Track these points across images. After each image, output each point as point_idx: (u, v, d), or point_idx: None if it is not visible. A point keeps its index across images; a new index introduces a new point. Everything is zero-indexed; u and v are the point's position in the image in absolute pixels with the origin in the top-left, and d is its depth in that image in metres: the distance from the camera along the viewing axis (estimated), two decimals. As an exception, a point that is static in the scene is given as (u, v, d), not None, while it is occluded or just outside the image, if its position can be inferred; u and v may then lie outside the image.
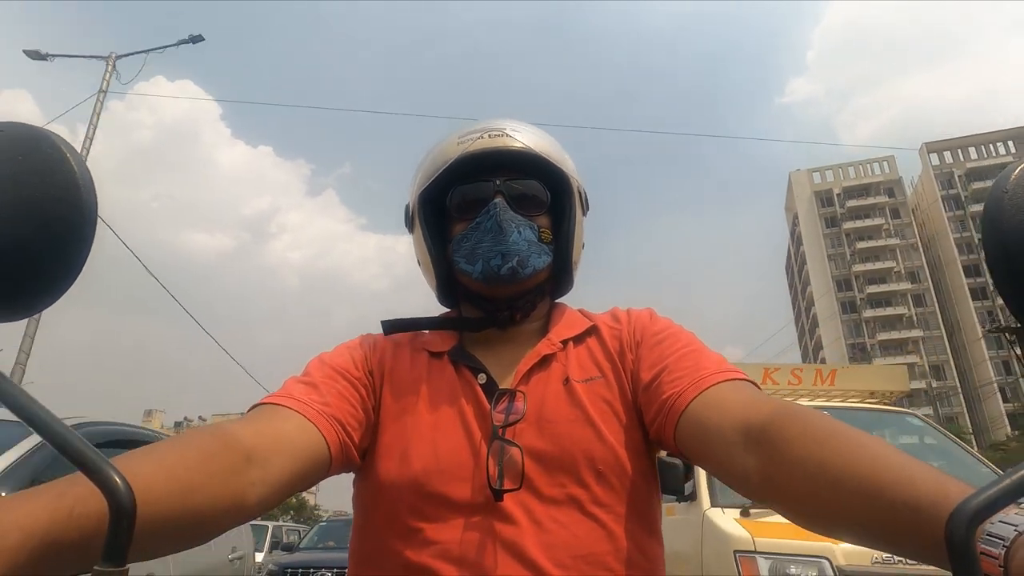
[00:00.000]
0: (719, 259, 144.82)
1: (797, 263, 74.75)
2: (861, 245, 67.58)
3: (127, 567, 0.36)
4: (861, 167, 71.57)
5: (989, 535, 0.38)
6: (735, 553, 2.77)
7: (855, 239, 68.15)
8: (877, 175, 70.33)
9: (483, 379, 0.82)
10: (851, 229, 68.41)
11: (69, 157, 0.42)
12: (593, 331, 0.87)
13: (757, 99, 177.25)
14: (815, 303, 67.61)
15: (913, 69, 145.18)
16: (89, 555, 0.44)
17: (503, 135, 0.84)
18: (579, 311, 0.93)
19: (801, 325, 74.54)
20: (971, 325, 59.53)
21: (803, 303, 73.30)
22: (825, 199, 71.08)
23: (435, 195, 0.87)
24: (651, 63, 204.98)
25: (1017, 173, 0.40)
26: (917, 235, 67.45)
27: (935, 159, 67.58)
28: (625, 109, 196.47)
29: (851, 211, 69.19)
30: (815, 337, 67.81)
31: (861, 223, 68.40)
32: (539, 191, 0.86)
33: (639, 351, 0.83)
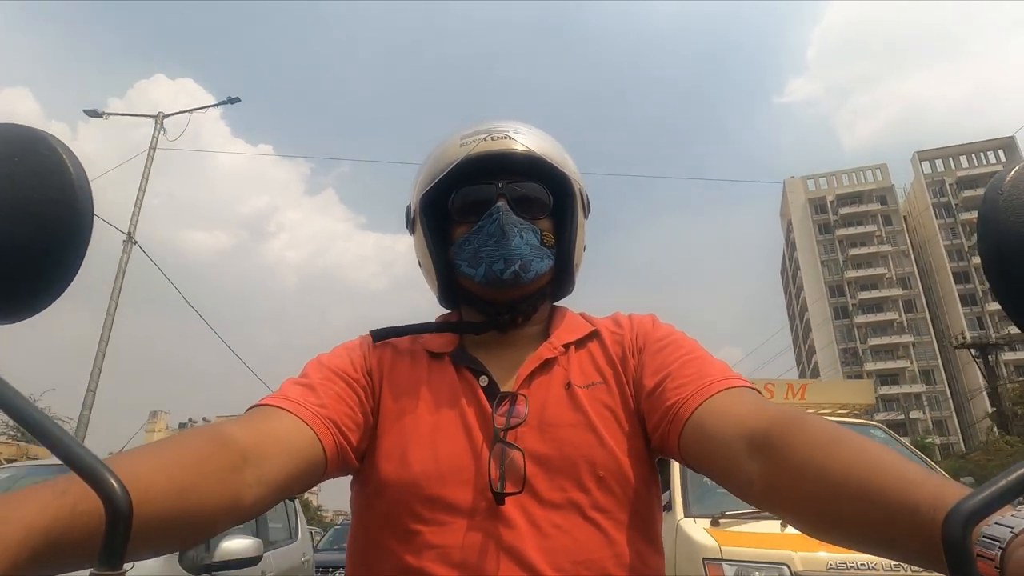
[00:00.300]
0: (718, 259, 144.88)
1: (791, 268, 75.17)
2: (854, 252, 67.94)
3: (124, 570, 0.35)
4: (854, 175, 72.02)
5: (985, 537, 0.38)
6: (704, 560, 2.93)
7: (848, 245, 68.51)
8: (870, 183, 70.77)
9: (484, 381, 0.81)
10: (844, 236, 68.75)
11: (66, 159, 0.42)
12: (595, 336, 0.87)
13: (756, 99, 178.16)
14: (808, 308, 68.00)
15: (913, 68, 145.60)
16: (91, 552, 0.44)
17: (506, 137, 0.83)
18: (580, 315, 0.92)
19: (795, 329, 74.89)
20: (960, 331, 60.09)
21: (797, 308, 73.68)
22: (819, 206, 71.43)
23: (436, 196, 0.86)
24: (650, 62, 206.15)
25: (1012, 176, 0.41)
26: (908, 242, 67.85)
27: (927, 167, 68.07)
28: (624, 109, 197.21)
29: (844, 218, 69.56)
30: (808, 341, 68.23)
31: (854, 230, 68.72)
32: (542, 194, 0.85)
33: (641, 357, 0.82)
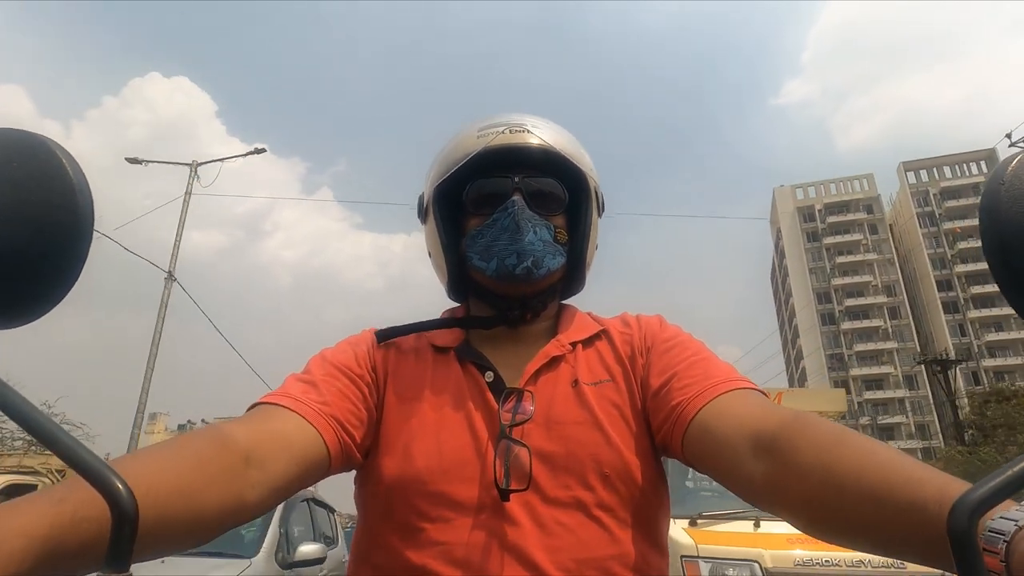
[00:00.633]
0: (716, 259, 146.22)
1: (781, 275, 77.22)
2: (841, 259, 70.11)
3: (130, 573, 0.36)
4: (842, 184, 74.14)
5: (990, 531, 0.39)
6: (681, 558, 3.16)
7: (835, 253, 70.66)
8: (857, 192, 72.96)
9: (490, 377, 0.80)
10: (831, 244, 70.90)
11: (65, 163, 0.42)
12: (603, 335, 0.87)
13: (752, 100, 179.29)
14: (797, 314, 70.10)
15: (908, 71, 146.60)
16: (91, 559, 0.44)
17: (524, 131, 0.83)
18: (588, 314, 0.92)
19: (785, 334, 77.00)
20: (943, 338, 62.45)
21: (786, 313, 75.84)
22: (807, 214, 73.54)
23: (450, 187, 0.85)
24: (648, 62, 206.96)
25: (1014, 165, 0.40)
26: (894, 250, 70.08)
27: (912, 177, 70.32)
28: (623, 109, 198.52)
29: (832, 227, 71.70)
30: (797, 346, 70.38)
31: (841, 238, 70.88)
32: (557, 190, 0.85)
33: (649, 357, 0.82)
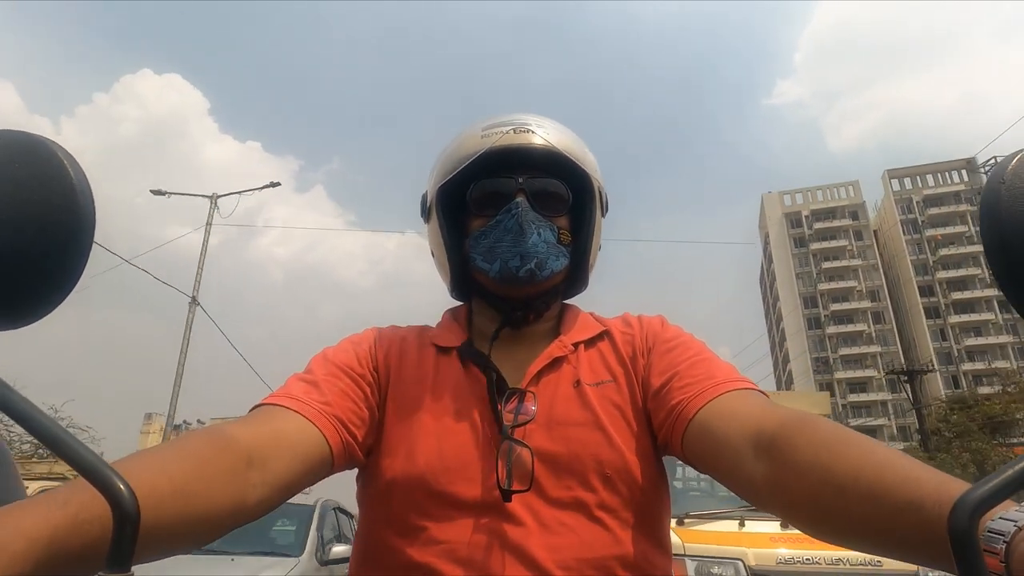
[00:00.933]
0: (708, 259, 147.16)
1: (769, 279, 78.93)
2: (827, 265, 71.73)
3: (132, 573, 0.36)
4: (829, 191, 75.87)
5: (990, 531, 0.39)
6: None
7: (821, 259, 72.26)
8: (843, 199, 74.69)
9: (493, 378, 0.80)
10: (818, 249, 72.48)
11: (66, 163, 0.42)
12: (605, 335, 0.87)
13: (745, 99, 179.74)
14: (784, 318, 71.77)
15: (899, 73, 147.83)
16: (94, 561, 0.44)
17: (528, 131, 0.82)
18: (590, 314, 0.92)
19: (773, 338, 78.65)
20: (925, 342, 64.30)
21: (774, 317, 77.53)
22: (794, 220, 75.16)
23: (453, 186, 0.85)
24: (642, 62, 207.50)
25: (1014, 164, 0.40)
26: (878, 256, 71.82)
27: (896, 184, 72.20)
28: (618, 107, 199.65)
29: (818, 232, 73.33)
30: (784, 349, 72.05)
31: (827, 244, 72.47)
32: (561, 190, 0.85)
33: (650, 357, 0.82)
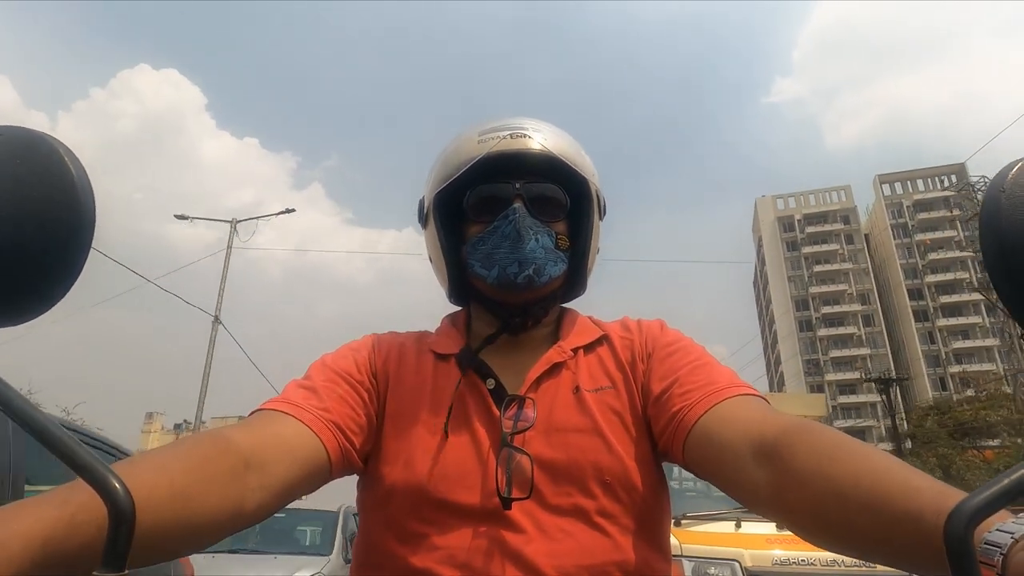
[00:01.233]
0: (703, 257, 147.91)
1: (762, 282, 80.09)
2: (818, 268, 72.93)
3: (127, 572, 0.36)
4: (821, 195, 77.05)
5: (986, 543, 0.38)
6: None
7: (813, 262, 73.46)
8: (835, 203, 75.82)
9: (491, 384, 0.80)
10: (809, 253, 73.67)
11: (67, 160, 0.42)
12: (604, 340, 0.86)
13: (744, 97, 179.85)
14: (776, 321, 72.92)
15: (899, 71, 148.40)
16: (91, 562, 0.43)
17: (525, 136, 0.82)
18: (589, 318, 0.92)
19: (766, 339, 79.75)
20: (913, 345, 65.42)
21: (767, 319, 78.66)
22: (787, 224, 76.33)
23: (450, 191, 0.85)
24: (641, 62, 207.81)
25: (1015, 172, 0.40)
26: (869, 260, 72.94)
27: (887, 189, 73.40)
28: (617, 107, 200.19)
29: (810, 236, 74.51)
30: (776, 351, 73.18)
31: (819, 248, 73.65)
32: (559, 195, 0.84)
33: (650, 362, 0.82)
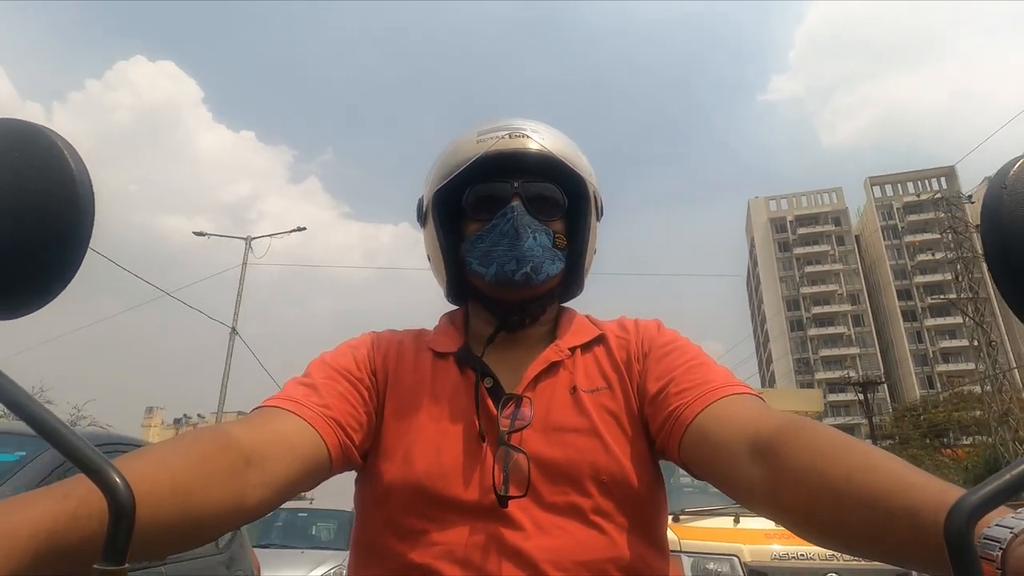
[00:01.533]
0: (697, 255, 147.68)
1: (754, 282, 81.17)
2: (809, 269, 74.01)
3: (126, 566, 0.36)
4: (813, 197, 78.20)
5: (986, 538, 0.39)
6: None
7: (804, 263, 74.52)
8: (826, 205, 76.98)
9: (489, 383, 0.81)
10: (801, 254, 74.72)
11: (66, 153, 0.42)
12: (600, 340, 0.87)
13: (741, 96, 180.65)
14: (768, 320, 74.02)
15: (893, 70, 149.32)
16: (92, 556, 0.43)
17: (524, 136, 0.83)
18: (586, 317, 0.93)
19: (758, 338, 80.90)
20: (902, 345, 66.70)
21: (759, 318, 79.81)
22: (779, 226, 77.37)
23: (449, 191, 0.86)
24: (638, 60, 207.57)
25: (1017, 169, 0.40)
26: (859, 261, 74.04)
27: (877, 191, 74.59)
28: (614, 105, 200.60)
29: (802, 238, 75.59)
30: (768, 350, 74.32)
31: (810, 249, 74.75)
32: (556, 195, 0.86)
33: (646, 362, 0.83)
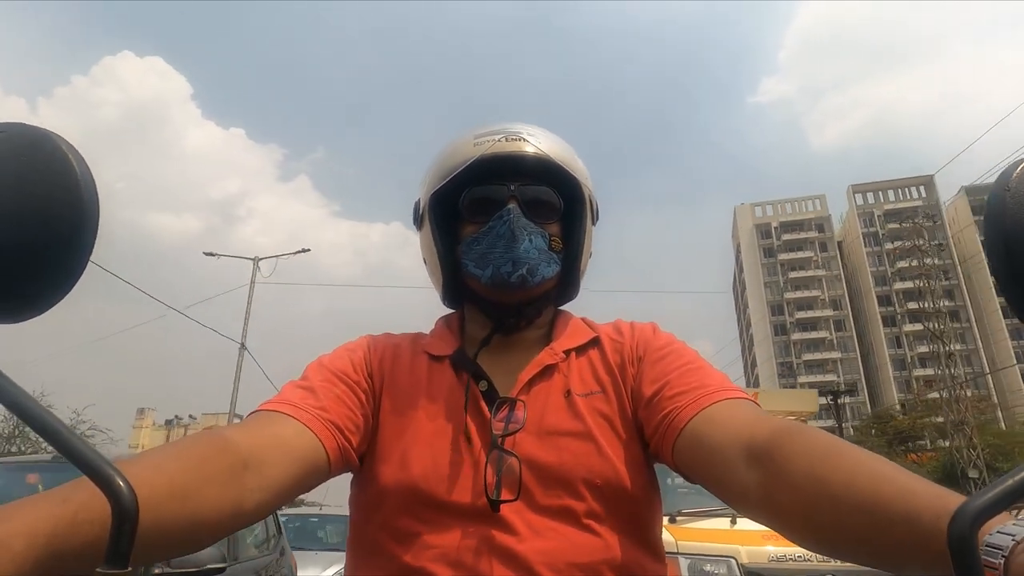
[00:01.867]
0: (692, 254, 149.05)
1: (740, 287, 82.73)
2: (793, 275, 75.50)
3: (129, 570, 0.36)
4: (797, 204, 79.71)
5: (988, 545, 0.38)
6: None
7: (788, 269, 75.97)
8: (810, 212, 78.55)
9: (484, 386, 0.81)
10: (785, 260, 76.22)
11: (70, 157, 0.42)
12: (595, 343, 0.87)
13: (731, 97, 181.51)
14: (752, 325, 75.59)
15: (883, 72, 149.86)
16: (93, 559, 0.44)
17: (520, 139, 0.84)
18: (582, 320, 0.92)
19: (743, 342, 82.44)
20: (882, 349, 68.45)
21: (744, 323, 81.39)
22: (764, 232, 78.84)
23: (445, 194, 0.87)
24: (630, 61, 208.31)
25: (1020, 171, 0.39)
26: (841, 267, 75.70)
27: (860, 199, 76.31)
28: (606, 106, 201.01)
29: (786, 244, 77.09)
30: (752, 354, 75.87)
31: (794, 255, 76.21)
32: (552, 198, 0.86)
33: (641, 366, 0.82)
